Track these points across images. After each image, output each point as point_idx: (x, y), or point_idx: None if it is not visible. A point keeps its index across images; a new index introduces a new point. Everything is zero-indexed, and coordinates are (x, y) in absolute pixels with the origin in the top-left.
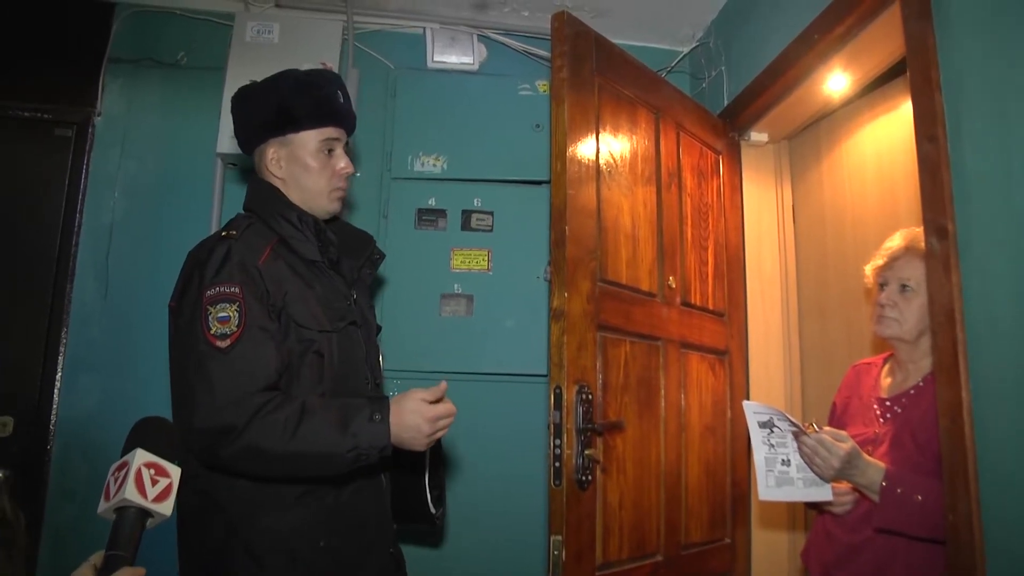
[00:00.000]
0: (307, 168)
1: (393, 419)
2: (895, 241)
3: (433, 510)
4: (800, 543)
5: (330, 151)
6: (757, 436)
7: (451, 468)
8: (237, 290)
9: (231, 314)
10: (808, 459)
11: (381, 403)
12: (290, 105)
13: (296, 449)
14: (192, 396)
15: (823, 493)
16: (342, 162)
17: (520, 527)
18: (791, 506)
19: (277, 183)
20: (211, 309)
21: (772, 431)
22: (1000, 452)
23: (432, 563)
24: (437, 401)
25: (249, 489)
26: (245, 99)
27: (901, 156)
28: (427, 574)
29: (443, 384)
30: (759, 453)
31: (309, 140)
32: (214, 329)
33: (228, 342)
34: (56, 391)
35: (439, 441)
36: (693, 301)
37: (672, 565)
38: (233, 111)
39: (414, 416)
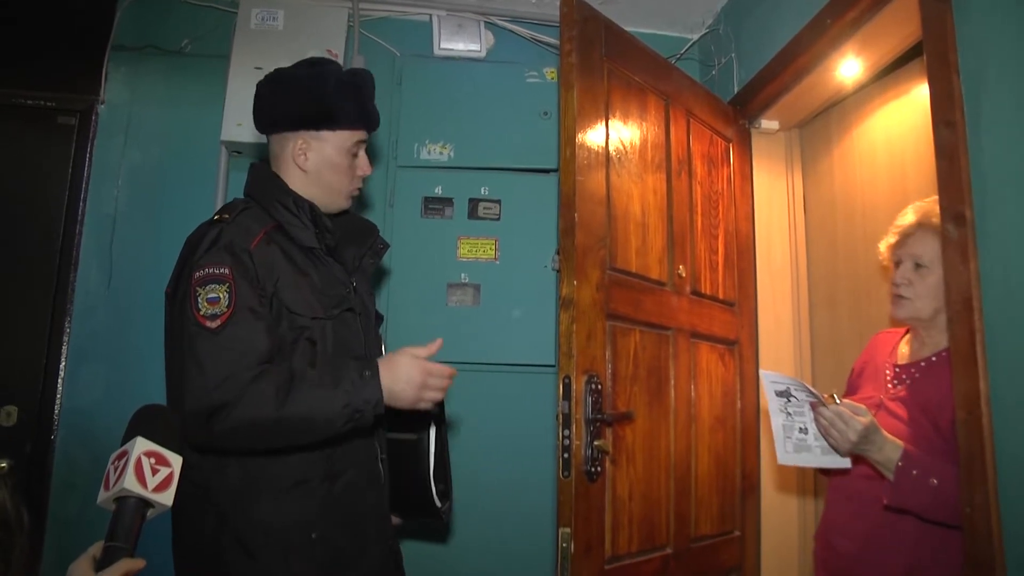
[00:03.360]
0: (334, 166)
1: (384, 373)
2: (907, 217)
3: (439, 504)
4: (810, 535)
5: (355, 153)
6: (774, 404)
7: (457, 460)
8: (227, 271)
9: (220, 295)
10: (825, 431)
11: (368, 362)
12: (333, 103)
13: (289, 413)
14: (183, 378)
15: (842, 460)
16: (363, 164)
17: (528, 520)
18: (801, 498)
19: (295, 172)
20: (200, 290)
21: (789, 400)
22: (1019, 443)
23: (438, 557)
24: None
25: (240, 480)
26: (282, 84)
27: (912, 142)
28: (434, 569)
29: (438, 341)
30: (776, 420)
31: (343, 140)
32: (203, 310)
33: (218, 323)
34: (60, 380)
35: (444, 433)
36: (703, 290)
37: (682, 558)
38: (264, 91)
39: (407, 369)
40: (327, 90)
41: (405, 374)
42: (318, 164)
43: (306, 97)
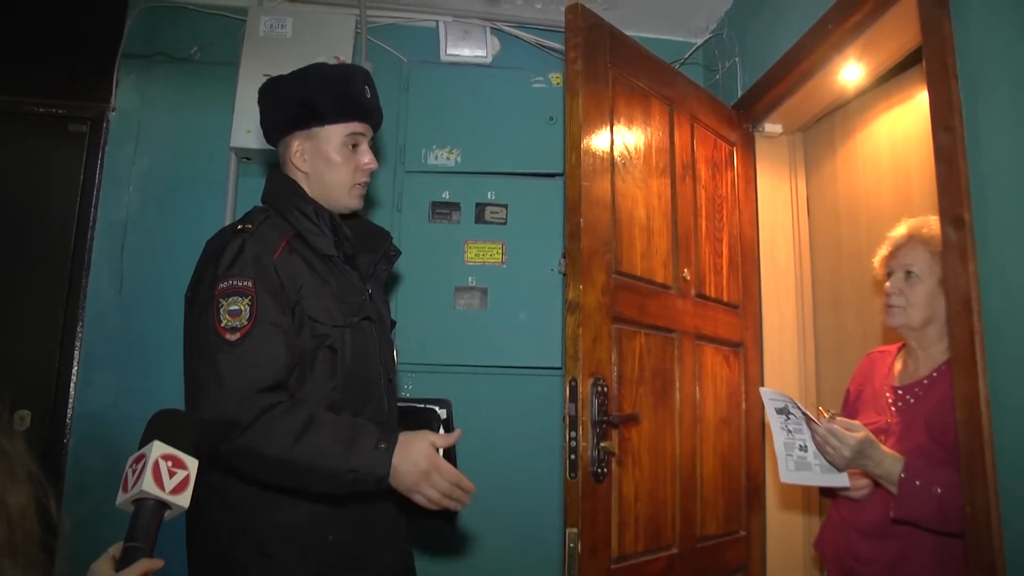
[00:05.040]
0: (330, 162)
1: (398, 450)
2: (899, 230)
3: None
4: (815, 534)
5: (354, 146)
6: (775, 422)
7: (464, 461)
8: (250, 284)
9: (242, 308)
10: (820, 448)
11: (390, 433)
12: (316, 99)
13: (295, 458)
14: (199, 388)
15: (840, 479)
16: (366, 157)
17: (535, 520)
18: (805, 498)
19: (300, 176)
20: (223, 302)
21: (788, 417)
22: (1018, 443)
23: (446, 557)
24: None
25: (259, 486)
26: (272, 91)
27: (915, 146)
28: (441, 569)
29: (458, 431)
30: (778, 438)
31: (334, 134)
32: (225, 322)
33: (238, 335)
34: (72, 385)
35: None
36: (707, 293)
37: (687, 558)
38: (260, 103)
39: (418, 455)
40: (310, 86)
41: (415, 459)
42: (315, 163)
43: (293, 98)
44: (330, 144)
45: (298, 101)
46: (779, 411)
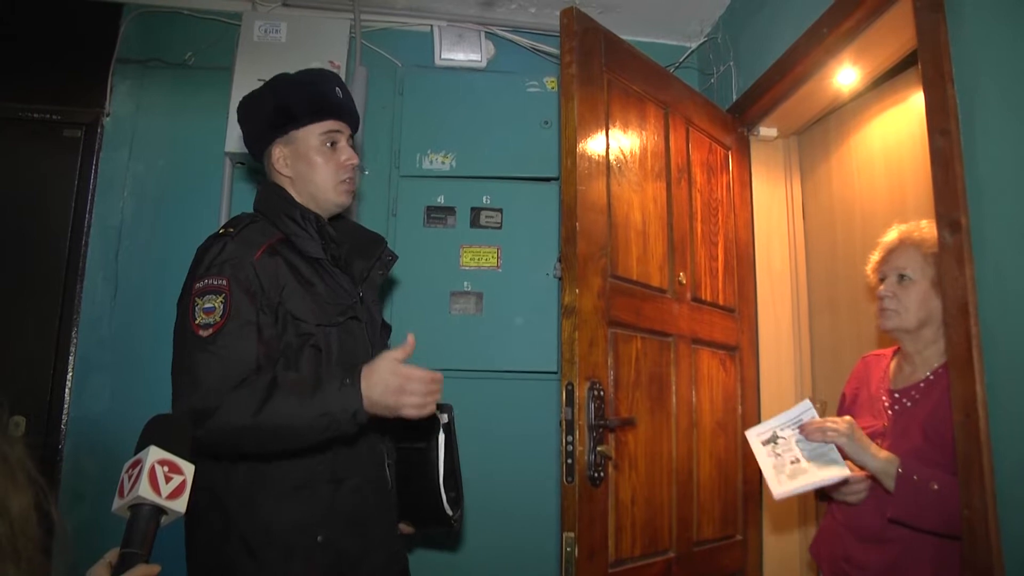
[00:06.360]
0: (312, 163)
1: (364, 381)
2: (890, 235)
3: (450, 512)
4: (811, 539)
5: (333, 143)
6: (762, 453)
7: (462, 466)
8: (224, 283)
9: (216, 305)
10: (822, 437)
11: (352, 370)
12: (288, 103)
13: (265, 421)
14: (176, 383)
15: (839, 472)
16: (345, 154)
17: (532, 525)
18: (802, 502)
19: (286, 182)
20: (198, 301)
21: (776, 443)
22: (1016, 446)
23: (443, 561)
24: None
25: (246, 484)
26: (247, 106)
27: (909, 149)
28: (439, 572)
29: (410, 338)
30: (766, 464)
31: (311, 134)
32: (199, 319)
33: (211, 331)
34: (67, 391)
35: (454, 441)
36: (703, 297)
37: (684, 562)
38: (240, 120)
39: (384, 374)
40: (281, 93)
41: (382, 380)
42: (298, 166)
43: (267, 106)
44: (309, 145)
45: (272, 108)
46: (765, 443)
